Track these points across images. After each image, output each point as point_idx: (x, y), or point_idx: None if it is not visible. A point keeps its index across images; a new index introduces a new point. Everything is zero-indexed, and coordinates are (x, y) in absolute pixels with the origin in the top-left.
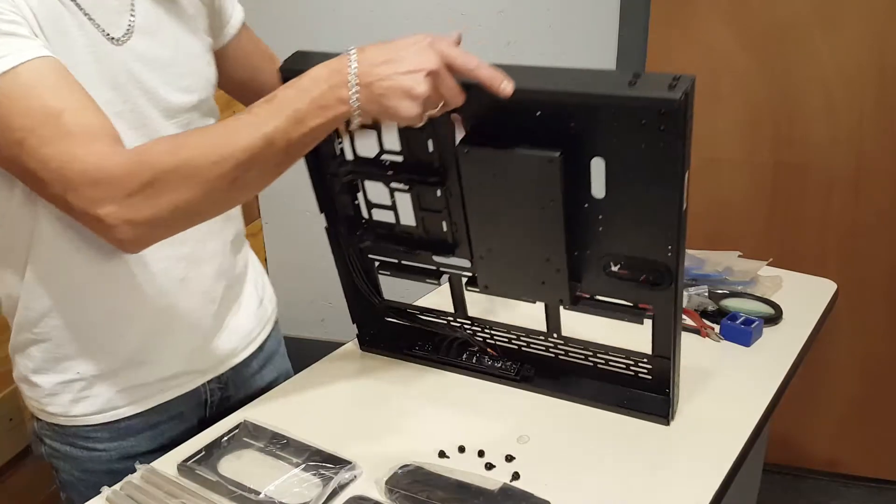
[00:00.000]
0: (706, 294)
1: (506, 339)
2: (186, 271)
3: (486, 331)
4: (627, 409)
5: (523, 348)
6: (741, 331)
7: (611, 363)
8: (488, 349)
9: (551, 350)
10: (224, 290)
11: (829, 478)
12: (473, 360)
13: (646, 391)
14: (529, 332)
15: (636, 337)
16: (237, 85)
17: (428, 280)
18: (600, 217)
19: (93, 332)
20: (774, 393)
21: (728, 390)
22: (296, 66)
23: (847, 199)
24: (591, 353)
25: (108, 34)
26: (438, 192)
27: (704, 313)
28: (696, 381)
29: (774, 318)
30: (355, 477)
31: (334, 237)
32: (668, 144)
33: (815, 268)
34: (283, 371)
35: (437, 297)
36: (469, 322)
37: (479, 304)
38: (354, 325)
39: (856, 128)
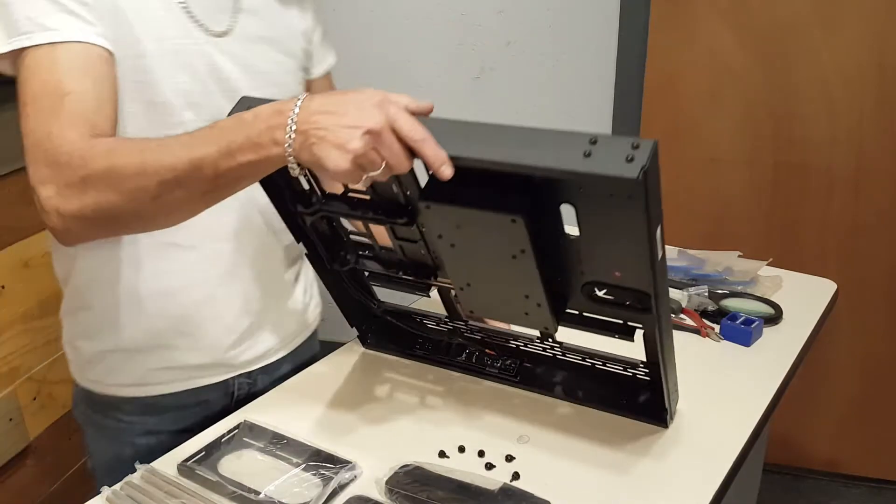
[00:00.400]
0: (706, 294)
1: (503, 340)
2: (234, 266)
3: (482, 335)
4: (625, 412)
5: (521, 347)
6: (741, 331)
7: (608, 365)
8: (486, 349)
9: (549, 352)
10: (269, 291)
11: (829, 478)
12: (473, 360)
13: (643, 393)
14: (526, 340)
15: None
16: None
17: (417, 293)
18: (578, 251)
19: (137, 308)
20: (774, 393)
21: (728, 390)
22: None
23: (847, 199)
24: (587, 357)
25: (204, 26)
26: (412, 227)
27: (704, 313)
28: (696, 381)
29: (774, 318)
30: (355, 477)
31: (317, 261)
32: (633, 210)
33: (815, 268)
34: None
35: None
36: (464, 325)
37: None
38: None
39: (856, 128)
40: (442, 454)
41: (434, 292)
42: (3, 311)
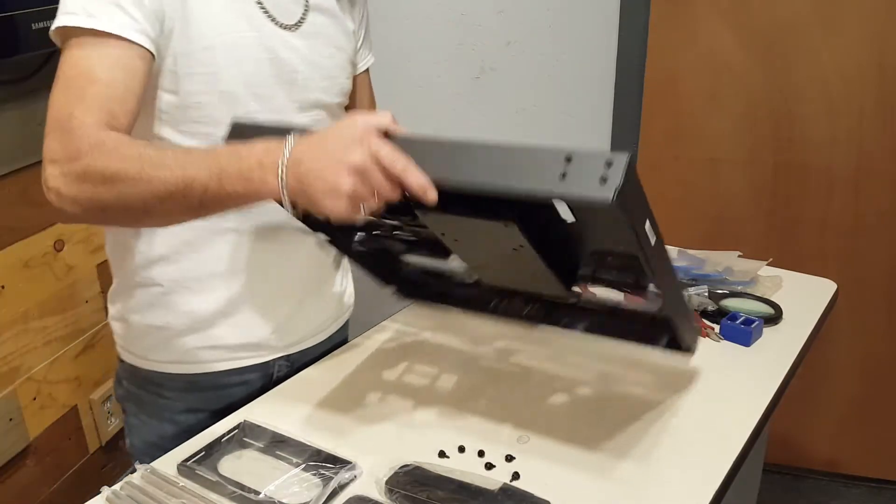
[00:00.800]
0: (706, 294)
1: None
2: (285, 251)
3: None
4: (653, 343)
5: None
6: (741, 331)
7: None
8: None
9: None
10: (313, 278)
11: (829, 478)
12: (503, 304)
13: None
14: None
15: None
16: None
17: (437, 257)
18: (577, 232)
19: (190, 288)
20: (774, 393)
21: (728, 390)
22: (235, 137)
23: (847, 199)
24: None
25: (275, 19)
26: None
27: (704, 313)
28: (696, 381)
29: (774, 318)
30: (355, 477)
31: (338, 243)
32: (616, 216)
33: (815, 268)
34: None
35: None
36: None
37: None
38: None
39: (855, 128)
40: (442, 454)
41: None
42: (3, 311)
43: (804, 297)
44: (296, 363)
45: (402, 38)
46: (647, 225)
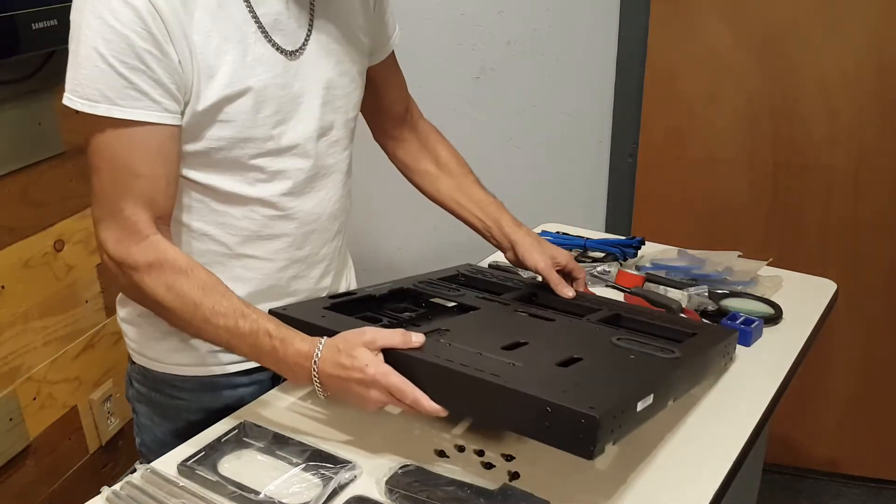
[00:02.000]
0: (706, 294)
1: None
2: (300, 270)
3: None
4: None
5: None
6: (741, 331)
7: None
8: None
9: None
10: (323, 283)
11: (829, 478)
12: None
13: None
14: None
15: None
16: (365, 105)
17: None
18: None
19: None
20: (774, 393)
21: (728, 390)
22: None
23: (847, 199)
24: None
25: (282, 49)
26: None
27: (704, 313)
28: None
29: (774, 317)
30: (355, 477)
31: None
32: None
33: (815, 268)
34: None
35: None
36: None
37: None
38: None
39: (855, 128)
40: (442, 454)
41: None
42: (3, 311)
43: (804, 297)
44: None
45: (402, 38)
46: (640, 407)
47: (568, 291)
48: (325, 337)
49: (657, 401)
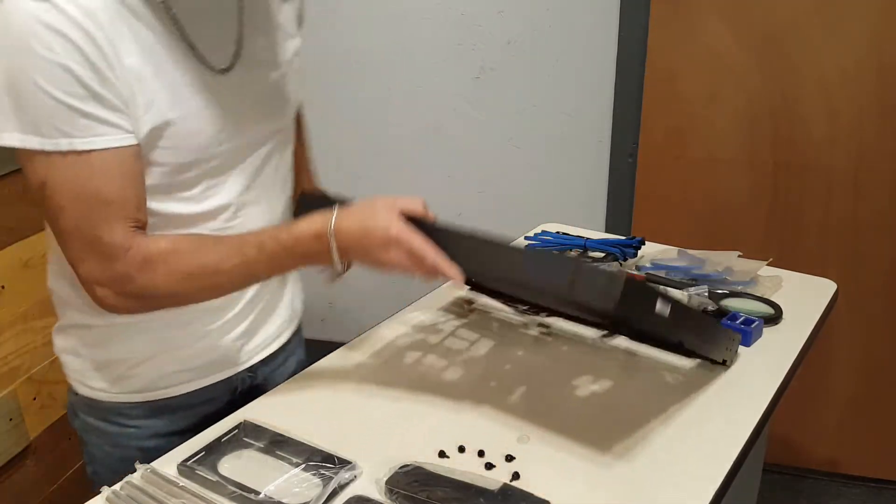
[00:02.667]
0: (706, 294)
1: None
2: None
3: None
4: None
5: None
6: (741, 331)
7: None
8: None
9: None
10: (270, 292)
11: (829, 478)
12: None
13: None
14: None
15: None
16: None
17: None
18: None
19: (147, 320)
20: (774, 393)
21: (728, 390)
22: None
23: (847, 199)
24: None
25: (210, 65)
26: None
27: (704, 313)
28: (696, 380)
29: (774, 317)
30: (355, 477)
31: None
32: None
33: (815, 268)
34: (300, 360)
35: None
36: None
37: None
38: None
39: (855, 128)
40: (442, 454)
41: None
42: (3, 311)
43: (804, 297)
44: (258, 373)
45: (402, 37)
46: (658, 305)
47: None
48: (335, 207)
49: (672, 313)
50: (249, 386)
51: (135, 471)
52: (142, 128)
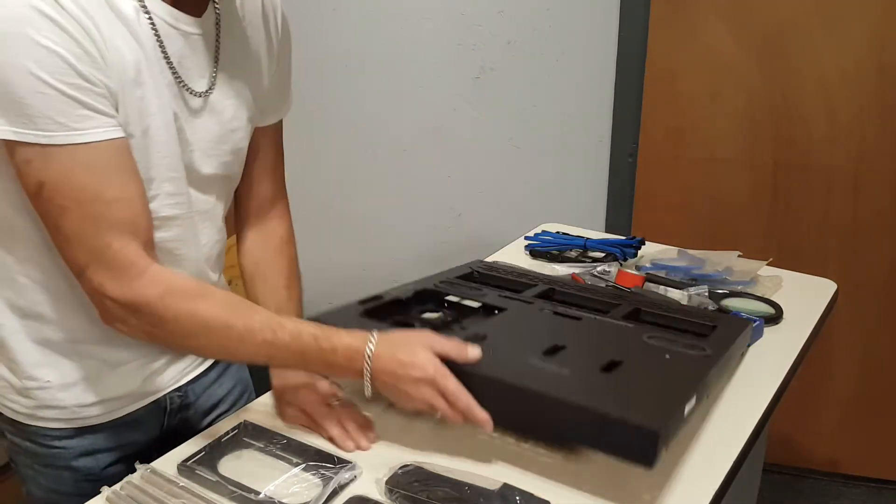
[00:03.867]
0: (706, 294)
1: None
2: None
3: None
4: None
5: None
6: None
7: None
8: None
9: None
10: None
11: (829, 478)
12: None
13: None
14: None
15: None
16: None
17: None
18: None
19: (61, 348)
20: (774, 393)
21: (728, 390)
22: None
23: (847, 199)
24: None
25: (189, 88)
26: None
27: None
28: None
29: (775, 317)
30: (355, 477)
31: None
32: None
33: (815, 268)
34: (240, 379)
35: None
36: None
37: None
38: None
39: (855, 128)
40: (442, 454)
41: None
42: None
43: (804, 297)
44: (189, 392)
45: (402, 37)
46: (686, 410)
47: (349, 444)
48: (374, 331)
49: (698, 402)
50: (180, 406)
51: (74, 490)
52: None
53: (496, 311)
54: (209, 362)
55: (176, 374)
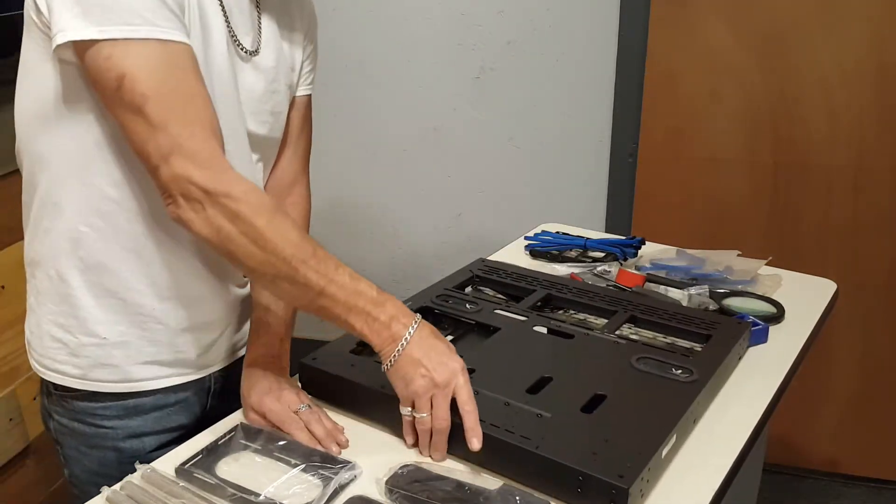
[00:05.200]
0: (707, 294)
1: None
2: (223, 272)
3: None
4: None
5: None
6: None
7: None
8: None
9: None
10: (241, 297)
11: (829, 478)
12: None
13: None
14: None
15: None
16: None
17: None
18: None
19: (128, 302)
20: (774, 393)
21: (728, 390)
22: None
23: (847, 198)
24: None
25: (241, 44)
26: None
27: (706, 313)
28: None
29: (777, 316)
30: (355, 477)
31: None
32: None
33: (815, 268)
34: None
35: None
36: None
37: None
38: None
39: (855, 127)
40: None
41: None
42: (3, 311)
43: (804, 296)
44: (232, 373)
45: (402, 37)
46: (664, 452)
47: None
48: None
49: (680, 436)
50: (222, 387)
51: (117, 472)
52: None
53: (491, 328)
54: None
55: (226, 353)
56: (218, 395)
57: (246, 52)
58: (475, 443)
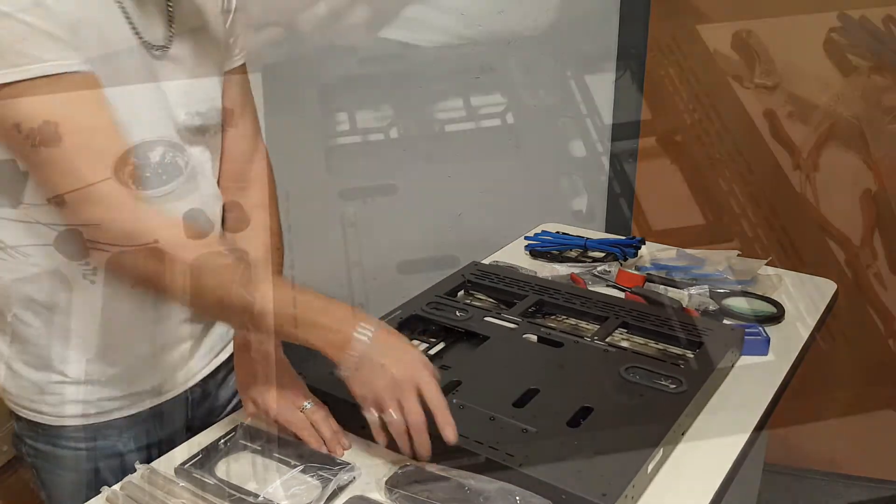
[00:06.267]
0: (707, 294)
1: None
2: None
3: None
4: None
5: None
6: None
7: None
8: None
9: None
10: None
11: (829, 478)
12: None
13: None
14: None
15: None
16: None
17: None
18: None
19: (82, 341)
20: (774, 393)
21: (728, 390)
22: None
23: (847, 198)
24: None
25: (146, 41)
26: None
27: (706, 313)
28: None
29: (777, 316)
30: (354, 478)
31: None
32: None
33: (815, 268)
34: None
35: None
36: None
37: None
38: None
39: (856, 127)
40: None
41: None
42: None
43: (804, 296)
44: (211, 382)
45: (401, 37)
46: (650, 468)
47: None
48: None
49: (667, 450)
50: (201, 396)
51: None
52: None
53: (481, 337)
54: (228, 352)
55: (202, 364)
56: (198, 403)
57: (157, 49)
58: (449, 433)
